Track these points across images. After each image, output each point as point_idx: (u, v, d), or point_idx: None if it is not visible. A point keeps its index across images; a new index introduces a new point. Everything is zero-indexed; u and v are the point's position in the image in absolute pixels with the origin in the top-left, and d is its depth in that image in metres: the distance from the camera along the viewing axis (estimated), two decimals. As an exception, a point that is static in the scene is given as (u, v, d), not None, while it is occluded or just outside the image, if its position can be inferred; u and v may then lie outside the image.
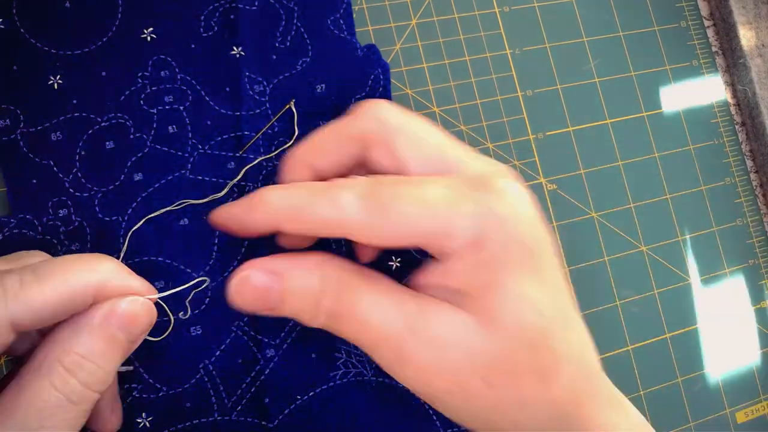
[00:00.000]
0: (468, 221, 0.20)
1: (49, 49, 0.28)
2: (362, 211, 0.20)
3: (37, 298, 0.19)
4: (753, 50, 0.38)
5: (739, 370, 0.35)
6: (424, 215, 0.20)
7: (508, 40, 0.35)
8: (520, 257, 0.21)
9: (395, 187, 0.21)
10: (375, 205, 0.20)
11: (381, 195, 0.21)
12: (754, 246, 0.36)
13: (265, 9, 0.30)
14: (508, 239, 0.20)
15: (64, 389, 0.19)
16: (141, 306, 0.21)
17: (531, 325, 0.20)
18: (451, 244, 0.20)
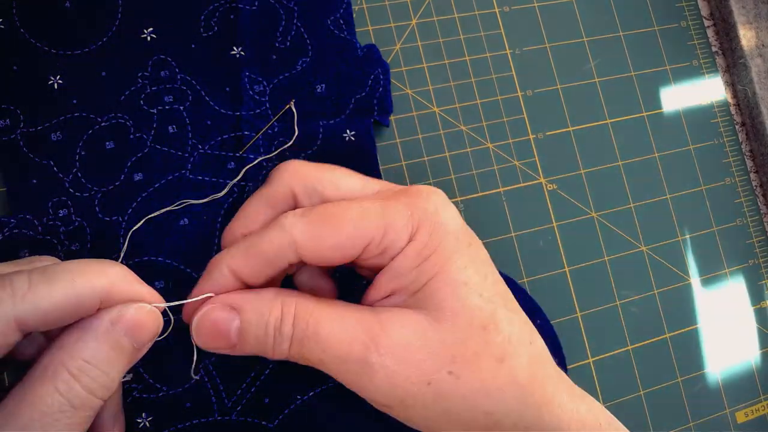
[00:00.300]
0: (402, 218, 0.22)
1: (49, 49, 0.28)
2: (306, 226, 0.22)
3: (45, 299, 0.19)
4: (753, 50, 0.38)
5: (739, 370, 0.35)
6: (364, 218, 0.22)
7: (508, 40, 0.35)
8: (454, 245, 0.23)
9: (332, 204, 0.23)
10: (317, 219, 0.22)
11: (321, 211, 0.22)
12: (754, 246, 0.36)
13: (265, 9, 0.30)
14: (440, 229, 0.22)
15: (68, 394, 0.19)
16: (148, 313, 0.21)
17: (477, 308, 0.22)
18: (392, 239, 0.22)
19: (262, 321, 0.22)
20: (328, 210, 0.22)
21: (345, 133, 0.30)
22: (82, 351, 0.20)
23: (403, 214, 0.22)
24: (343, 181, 0.25)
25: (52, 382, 0.19)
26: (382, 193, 0.24)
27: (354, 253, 0.22)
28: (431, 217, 0.23)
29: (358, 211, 0.22)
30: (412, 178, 0.32)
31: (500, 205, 0.33)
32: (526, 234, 0.33)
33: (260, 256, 0.22)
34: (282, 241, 0.22)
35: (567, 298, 0.33)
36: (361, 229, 0.22)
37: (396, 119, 0.32)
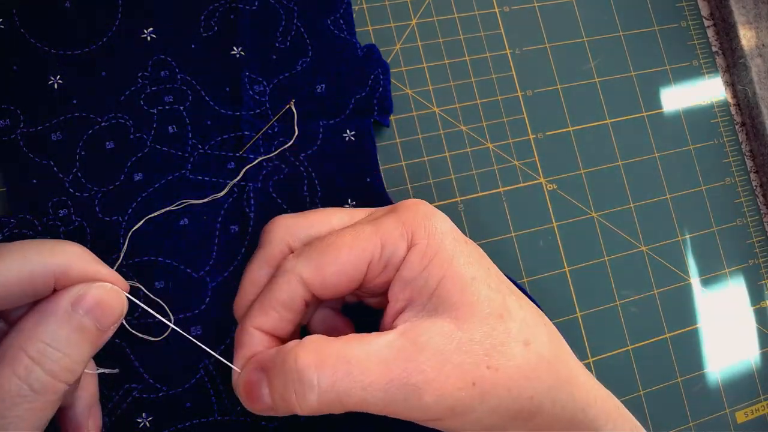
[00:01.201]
0: (396, 229, 0.23)
1: (49, 49, 0.28)
2: (307, 261, 0.23)
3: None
4: (753, 50, 0.38)
5: (739, 370, 0.35)
6: (358, 238, 0.23)
7: (508, 40, 0.35)
8: (453, 245, 0.23)
9: (325, 236, 0.23)
10: (315, 252, 0.23)
11: (316, 244, 0.23)
12: (754, 246, 0.36)
13: (265, 9, 0.30)
14: (436, 232, 0.23)
15: (28, 378, 0.18)
16: (110, 293, 0.20)
17: (489, 299, 0.22)
18: (391, 250, 0.23)
19: (281, 375, 0.21)
20: (324, 242, 0.23)
21: (345, 133, 0.30)
22: (41, 334, 0.19)
23: (395, 225, 0.23)
24: (333, 218, 0.25)
25: (11, 366, 0.18)
26: (371, 216, 0.25)
27: (359, 276, 0.23)
28: (423, 222, 0.23)
29: (351, 234, 0.23)
30: (412, 178, 0.32)
31: (500, 205, 0.33)
32: (526, 234, 0.33)
33: (276, 304, 0.23)
34: (290, 283, 0.23)
35: (567, 298, 0.33)
36: (357, 249, 0.22)
37: (396, 119, 0.32)
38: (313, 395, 0.20)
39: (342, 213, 0.26)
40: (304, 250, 0.23)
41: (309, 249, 0.23)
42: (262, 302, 0.23)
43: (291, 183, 0.29)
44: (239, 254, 0.28)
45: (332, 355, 0.21)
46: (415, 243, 0.23)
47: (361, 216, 0.25)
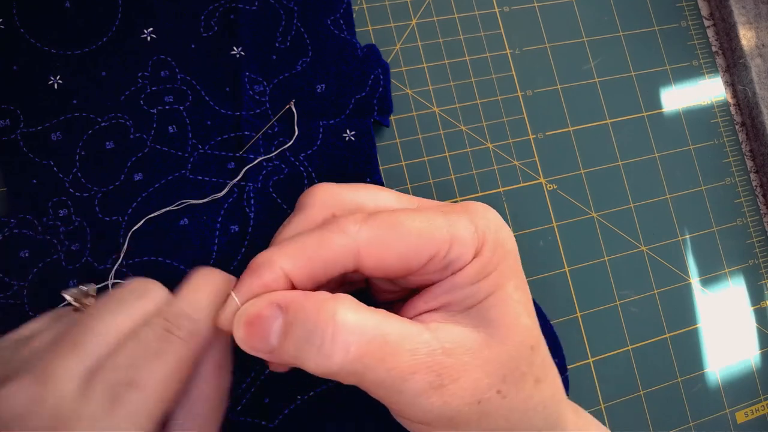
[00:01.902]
0: (468, 232, 0.21)
1: (49, 49, 0.28)
2: (372, 231, 0.21)
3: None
4: (753, 50, 0.38)
5: (739, 370, 0.35)
6: (431, 228, 0.21)
7: (508, 40, 0.35)
8: (513, 266, 0.22)
9: (395, 212, 0.22)
10: (383, 225, 0.21)
11: (385, 217, 0.21)
12: (754, 246, 0.36)
13: (265, 9, 0.30)
14: (501, 248, 0.22)
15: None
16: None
17: (528, 328, 0.22)
18: (459, 252, 0.21)
19: (309, 322, 0.19)
20: (393, 217, 0.21)
21: (345, 133, 0.30)
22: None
23: (469, 228, 0.21)
24: (380, 197, 0.24)
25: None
26: (436, 208, 0.23)
27: (417, 265, 0.21)
28: (493, 234, 0.22)
29: (423, 220, 0.21)
30: (412, 178, 0.32)
31: (500, 205, 0.33)
32: (526, 234, 0.33)
33: (318, 260, 0.21)
34: (344, 247, 0.20)
35: (567, 298, 0.33)
36: (427, 239, 0.21)
37: (396, 119, 0.32)
38: (339, 358, 0.19)
39: (388, 193, 0.24)
40: (369, 218, 0.21)
41: (375, 220, 0.21)
42: (305, 252, 0.21)
43: (291, 183, 0.29)
44: (239, 254, 0.28)
45: (371, 326, 0.19)
46: (481, 254, 0.22)
47: (407, 201, 0.24)
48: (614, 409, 0.32)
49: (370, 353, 0.19)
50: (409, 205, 0.24)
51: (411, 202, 0.24)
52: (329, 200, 0.23)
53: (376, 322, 0.19)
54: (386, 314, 0.20)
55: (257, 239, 0.28)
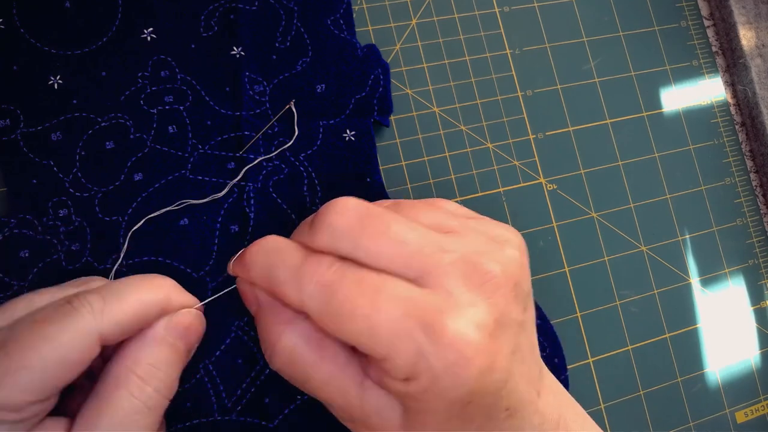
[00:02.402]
0: (402, 360, 0.20)
1: (49, 49, 0.28)
2: (316, 307, 0.21)
3: (119, 314, 0.21)
4: (753, 50, 0.38)
5: (738, 370, 0.35)
6: (369, 337, 0.20)
7: (508, 40, 0.35)
8: (446, 410, 0.21)
9: (355, 291, 0.21)
10: (328, 306, 0.21)
11: (337, 295, 0.21)
12: (754, 246, 0.36)
13: (265, 9, 0.30)
14: (435, 395, 0.20)
15: (141, 396, 0.21)
16: (195, 317, 0.23)
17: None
18: (387, 367, 0.20)
19: (266, 333, 0.23)
20: (342, 306, 0.20)
21: (345, 133, 0.30)
22: (145, 356, 0.22)
23: (408, 355, 0.20)
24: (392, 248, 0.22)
25: (126, 387, 0.21)
26: (416, 299, 0.21)
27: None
28: (432, 380, 0.20)
29: (367, 326, 0.20)
30: (412, 178, 0.32)
31: (500, 205, 0.33)
32: (526, 234, 0.33)
33: (280, 298, 0.23)
34: (296, 300, 0.22)
35: (567, 298, 0.33)
36: (360, 343, 0.21)
37: (396, 119, 0.32)
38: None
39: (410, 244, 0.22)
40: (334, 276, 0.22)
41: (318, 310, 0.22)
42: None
43: (291, 183, 0.29)
44: (239, 254, 0.28)
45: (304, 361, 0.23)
46: (412, 386, 0.21)
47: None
48: (614, 409, 0.32)
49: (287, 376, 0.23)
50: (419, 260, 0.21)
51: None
52: (344, 239, 0.22)
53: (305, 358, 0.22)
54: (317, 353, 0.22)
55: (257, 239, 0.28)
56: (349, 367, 0.22)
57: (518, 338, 0.22)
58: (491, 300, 0.21)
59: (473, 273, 0.21)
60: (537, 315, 0.31)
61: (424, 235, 0.22)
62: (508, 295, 0.22)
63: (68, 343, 0.20)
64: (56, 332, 0.20)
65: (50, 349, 0.19)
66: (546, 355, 0.31)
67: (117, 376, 0.21)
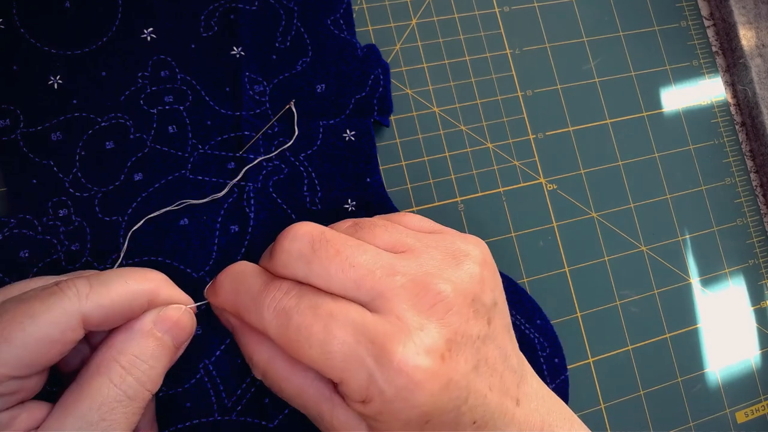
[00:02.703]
0: (356, 385, 0.21)
1: (49, 49, 0.28)
2: (275, 332, 0.22)
3: (104, 299, 0.21)
4: (753, 50, 0.38)
5: (739, 370, 0.35)
6: (324, 361, 0.21)
7: (508, 40, 0.35)
8: (405, 428, 0.21)
9: (309, 318, 0.21)
10: (286, 331, 0.22)
11: (293, 321, 0.21)
12: (754, 246, 0.36)
13: (265, 9, 0.30)
14: (390, 416, 0.21)
15: (122, 385, 0.21)
16: (185, 314, 0.23)
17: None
18: (343, 390, 0.22)
19: (243, 350, 0.25)
20: (297, 332, 0.21)
21: (345, 133, 0.30)
22: (130, 347, 0.22)
23: (360, 379, 0.21)
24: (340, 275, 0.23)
25: (107, 375, 0.21)
26: (365, 327, 0.21)
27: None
28: (384, 403, 0.21)
29: (321, 353, 0.21)
30: (412, 178, 0.32)
31: (500, 205, 0.33)
32: (526, 234, 0.33)
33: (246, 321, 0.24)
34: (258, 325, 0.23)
35: (567, 298, 0.33)
36: (316, 366, 0.22)
37: (396, 119, 0.32)
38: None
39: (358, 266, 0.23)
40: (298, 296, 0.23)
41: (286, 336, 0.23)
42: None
43: (291, 183, 0.29)
44: (239, 254, 0.28)
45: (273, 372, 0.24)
46: (367, 406, 0.22)
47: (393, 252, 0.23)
48: (614, 409, 0.32)
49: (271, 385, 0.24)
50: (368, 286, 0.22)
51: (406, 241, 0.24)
52: (299, 273, 0.22)
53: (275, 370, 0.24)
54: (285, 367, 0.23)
55: (257, 239, 0.28)
56: (319, 382, 0.23)
57: (481, 353, 0.22)
58: (443, 321, 0.21)
59: (424, 295, 0.22)
60: (537, 315, 0.31)
61: (376, 257, 0.22)
62: (464, 312, 0.22)
63: (51, 321, 0.20)
64: (40, 310, 0.20)
65: (33, 325, 0.20)
66: (546, 355, 0.31)
67: (99, 364, 0.21)
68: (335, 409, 0.23)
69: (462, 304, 0.22)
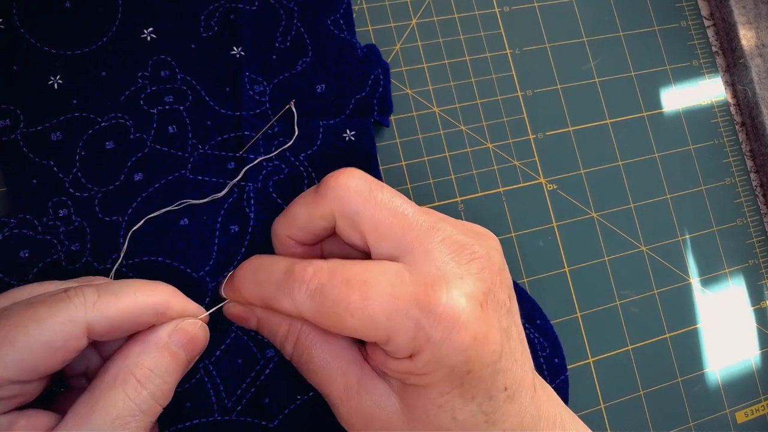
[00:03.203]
0: (403, 339, 0.21)
1: (49, 49, 0.28)
2: (312, 312, 0.22)
3: (111, 309, 0.21)
4: (753, 50, 0.38)
5: (739, 370, 0.35)
6: (367, 327, 0.21)
7: (508, 40, 0.35)
8: (448, 379, 0.22)
9: (345, 290, 0.22)
10: (323, 308, 0.22)
11: (328, 298, 0.22)
12: (754, 246, 0.36)
13: (265, 9, 0.30)
14: (437, 363, 0.21)
15: (137, 399, 0.21)
16: (200, 329, 0.23)
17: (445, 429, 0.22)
18: (390, 349, 0.22)
19: (271, 332, 0.25)
20: (335, 304, 0.22)
21: (345, 133, 0.30)
22: (145, 360, 0.22)
23: (406, 335, 0.21)
24: (383, 227, 0.23)
25: (123, 388, 0.21)
26: (410, 280, 0.22)
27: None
28: (432, 350, 0.21)
29: (362, 318, 0.21)
30: (412, 178, 0.32)
31: (500, 205, 0.33)
32: (526, 234, 0.33)
33: (278, 312, 0.24)
34: (291, 310, 0.23)
35: (567, 298, 0.33)
36: (360, 333, 0.22)
37: (396, 119, 0.32)
38: (288, 354, 0.25)
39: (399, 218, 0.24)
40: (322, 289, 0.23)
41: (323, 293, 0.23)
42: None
43: (291, 183, 0.29)
44: (239, 254, 0.28)
45: (307, 343, 0.24)
46: (415, 362, 0.22)
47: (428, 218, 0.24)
48: (614, 409, 0.32)
49: (301, 364, 0.24)
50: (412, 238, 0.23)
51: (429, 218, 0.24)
52: (335, 204, 0.23)
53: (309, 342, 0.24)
54: (320, 336, 0.24)
55: (257, 239, 0.28)
56: (350, 351, 0.24)
57: (508, 321, 0.23)
58: (479, 275, 0.22)
59: (461, 251, 0.22)
60: (537, 315, 0.31)
61: (421, 212, 0.23)
62: (495, 276, 0.23)
63: (55, 327, 0.20)
64: (46, 315, 0.20)
65: (37, 330, 0.20)
66: (546, 355, 0.31)
67: (115, 375, 0.21)
68: (364, 377, 0.23)
69: (492, 268, 0.23)
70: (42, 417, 0.21)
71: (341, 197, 0.23)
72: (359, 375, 0.23)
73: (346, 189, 0.23)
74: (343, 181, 0.23)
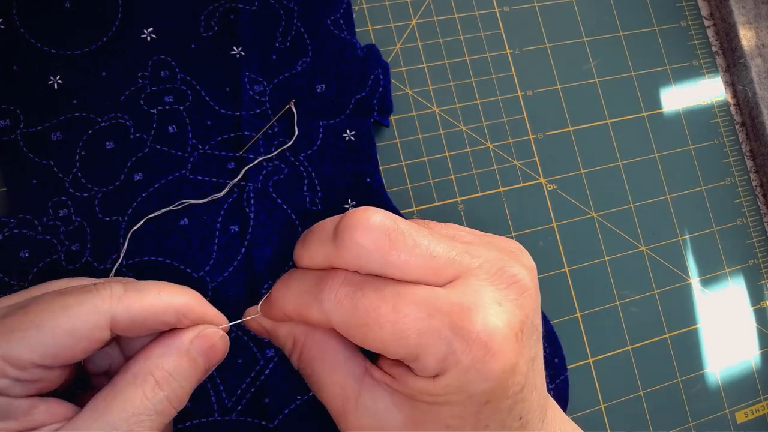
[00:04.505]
0: (432, 359, 0.21)
1: (49, 49, 0.28)
2: (340, 321, 0.22)
3: (136, 304, 0.21)
4: (753, 50, 0.38)
5: (738, 370, 0.35)
6: (397, 341, 0.21)
7: (508, 40, 0.35)
8: (464, 404, 0.21)
9: (376, 300, 0.21)
10: (352, 318, 0.21)
11: (358, 307, 0.21)
12: (754, 246, 0.36)
13: (265, 9, 0.30)
14: (458, 388, 0.21)
15: (153, 399, 0.21)
16: (221, 338, 0.24)
17: None
18: (417, 367, 0.21)
19: (280, 342, 0.26)
20: (365, 317, 0.21)
21: (345, 133, 0.30)
22: (166, 363, 0.22)
23: (436, 358, 0.21)
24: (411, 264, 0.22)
25: (141, 387, 0.21)
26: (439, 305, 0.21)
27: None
28: (461, 377, 0.21)
29: (393, 333, 0.21)
30: (412, 178, 0.32)
31: (500, 205, 0.33)
32: (526, 234, 0.33)
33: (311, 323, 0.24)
34: (321, 320, 0.23)
35: (567, 298, 0.33)
36: (388, 350, 0.21)
37: (396, 119, 0.32)
38: (295, 366, 0.26)
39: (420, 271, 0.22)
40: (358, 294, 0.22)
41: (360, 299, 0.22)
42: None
43: (291, 183, 0.29)
44: (239, 254, 0.28)
45: (310, 356, 0.25)
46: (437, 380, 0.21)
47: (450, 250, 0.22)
48: (614, 409, 0.32)
49: (306, 375, 0.25)
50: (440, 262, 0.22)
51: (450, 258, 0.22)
52: (373, 265, 0.22)
53: (312, 354, 0.24)
54: (323, 346, 0.24)
55: (257, 239, 0.28)
56: (350, 365, 0.24)
57: (536, 348, 0.22)
58: (518, 301, 0.21)
59: (501, 275, 0.22)
60: (537, 315, 0.31)
61: (450, 246, 0.22)
62: (533, 300, 0.22)
63: (81, 315, 0.20)
64: (73, 304, 0.20)
65: (64, 316, 0.20)
66: (546, 355, 0.31)
67: (136, 374, 0.21)
68: (363, 390, 0.23)
69: (531, 295, 0.22)
70: (62, 406, 0.21)
71: (358, 257, 0.22)
72: (358, 390, 0.23)
73: (363, 248, 0.21)
74: (359, 238, 0.21)
